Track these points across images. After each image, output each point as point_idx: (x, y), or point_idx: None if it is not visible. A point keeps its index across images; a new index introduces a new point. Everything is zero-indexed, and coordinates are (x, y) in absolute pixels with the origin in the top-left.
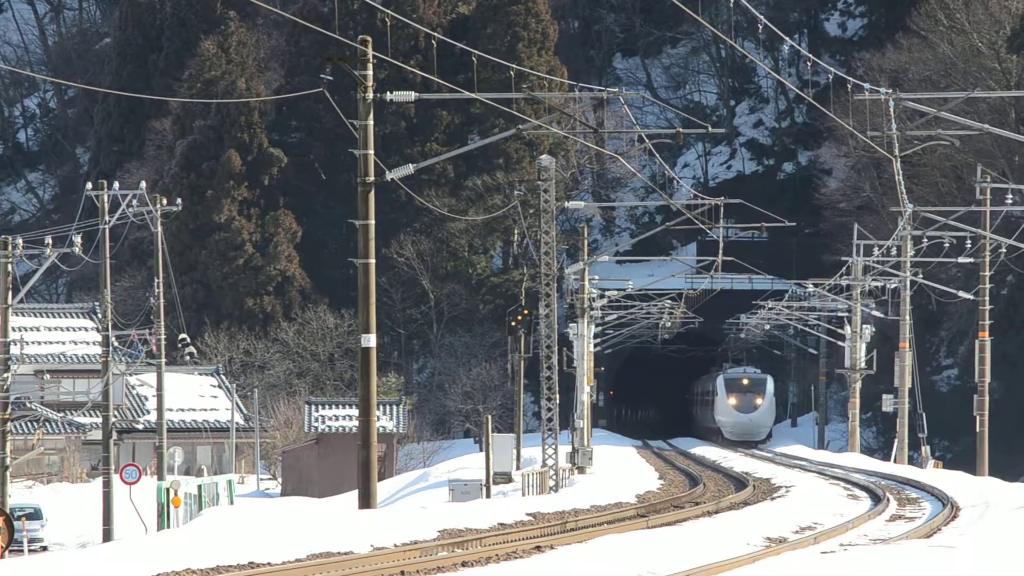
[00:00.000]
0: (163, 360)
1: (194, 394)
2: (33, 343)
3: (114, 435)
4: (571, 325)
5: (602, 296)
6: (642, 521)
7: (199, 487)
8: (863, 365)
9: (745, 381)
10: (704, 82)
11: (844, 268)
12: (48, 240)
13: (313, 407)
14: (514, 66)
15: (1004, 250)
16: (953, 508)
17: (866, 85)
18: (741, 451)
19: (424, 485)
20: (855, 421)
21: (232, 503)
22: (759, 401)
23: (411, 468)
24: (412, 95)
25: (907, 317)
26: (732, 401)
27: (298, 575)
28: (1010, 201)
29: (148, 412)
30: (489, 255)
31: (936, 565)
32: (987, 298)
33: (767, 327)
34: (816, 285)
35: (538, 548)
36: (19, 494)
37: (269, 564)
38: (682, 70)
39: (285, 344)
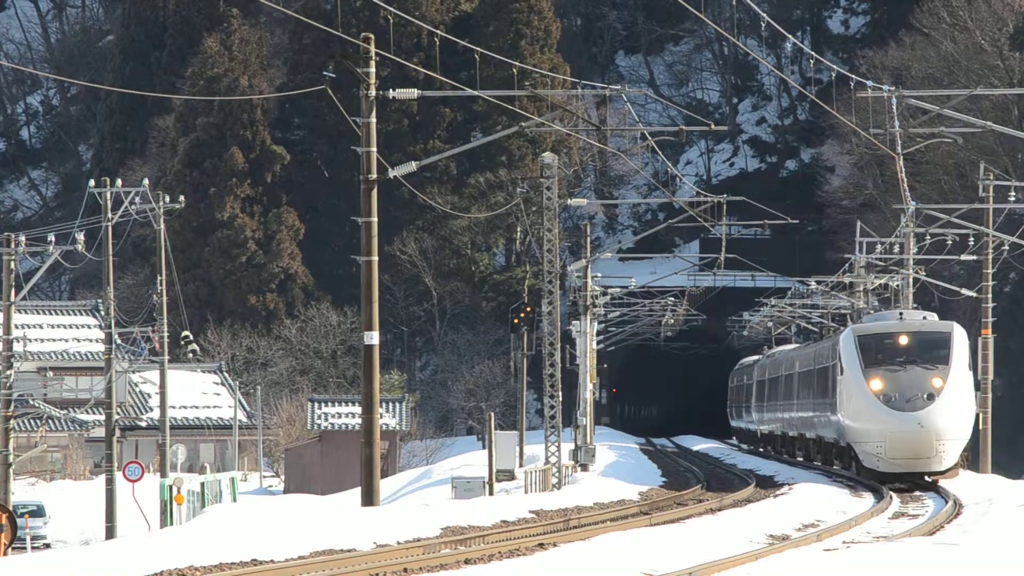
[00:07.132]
0: (166, 357)
1: (197, 391)
2: (36, 340)
3: (117, 432)
4: (574, 322)
5: (605, 293)
6: (645, 518)
7: (202, 484)
8: None
9: (904, 340)
10: (707, 79)
11: (847, 265)
12: (51, 237)
13: (316, 404)
14: (516, 63)
15: (1007, 247)
16: (956, 506)
17: (869, 82)
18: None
19: (427, 482)
20: None
21: (235, 500)
22: (938, 382)
23: (414, 465)
24: (415, 92)
25: None
26: (877, 384)
27: (301, 572)
28: (1013, 198)
29: (151, 409)
30: (492, 252)
31: (939, 563)
32: (990, 295)
33: (769, 324)
34: (819, 282)
35: (541, 546)
36: (22, 491)
37: (272, 561)
38: (685, 67)
39: (288, 341)
